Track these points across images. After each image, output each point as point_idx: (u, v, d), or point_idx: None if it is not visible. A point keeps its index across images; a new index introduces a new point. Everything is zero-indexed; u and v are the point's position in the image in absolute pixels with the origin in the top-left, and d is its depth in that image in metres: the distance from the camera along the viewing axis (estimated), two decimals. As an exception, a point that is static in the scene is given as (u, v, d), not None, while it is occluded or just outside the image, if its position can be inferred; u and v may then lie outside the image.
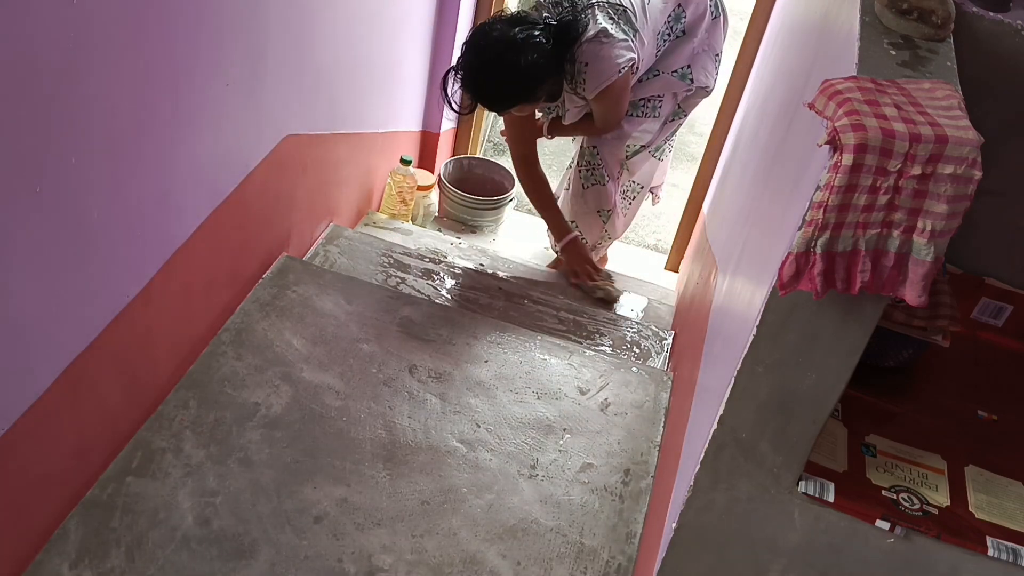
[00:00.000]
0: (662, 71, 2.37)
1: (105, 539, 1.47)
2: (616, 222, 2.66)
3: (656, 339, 2.34)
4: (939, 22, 1.05)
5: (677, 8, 2.32)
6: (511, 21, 2.12)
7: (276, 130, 1.91)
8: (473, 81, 2.11)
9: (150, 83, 1.36)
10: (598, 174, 2.54)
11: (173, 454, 1.62)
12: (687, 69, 2.38)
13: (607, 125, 2.41)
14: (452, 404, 1.85)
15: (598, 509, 1.70)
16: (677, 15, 2.32)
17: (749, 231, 1.58)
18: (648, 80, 2.38)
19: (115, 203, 1.36)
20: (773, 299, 0.95)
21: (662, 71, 2.37)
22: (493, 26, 2.12)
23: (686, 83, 2.39)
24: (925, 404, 1.25)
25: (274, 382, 1.80)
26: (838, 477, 1.07)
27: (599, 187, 2.55)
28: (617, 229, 2.70)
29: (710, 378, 1.41)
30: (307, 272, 2.12)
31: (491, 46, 2.08)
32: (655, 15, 2.29)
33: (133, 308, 1.49)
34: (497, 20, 2.16)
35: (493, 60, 2.07)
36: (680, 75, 2.38)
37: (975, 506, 1.06)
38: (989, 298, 1.36)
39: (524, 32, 2.06)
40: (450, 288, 2.31)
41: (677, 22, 2.33)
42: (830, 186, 0.85)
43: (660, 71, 2.37)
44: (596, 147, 2.51)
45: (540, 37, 2.08)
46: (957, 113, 0.86)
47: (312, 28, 1.95)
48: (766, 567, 1.12)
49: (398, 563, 1.53)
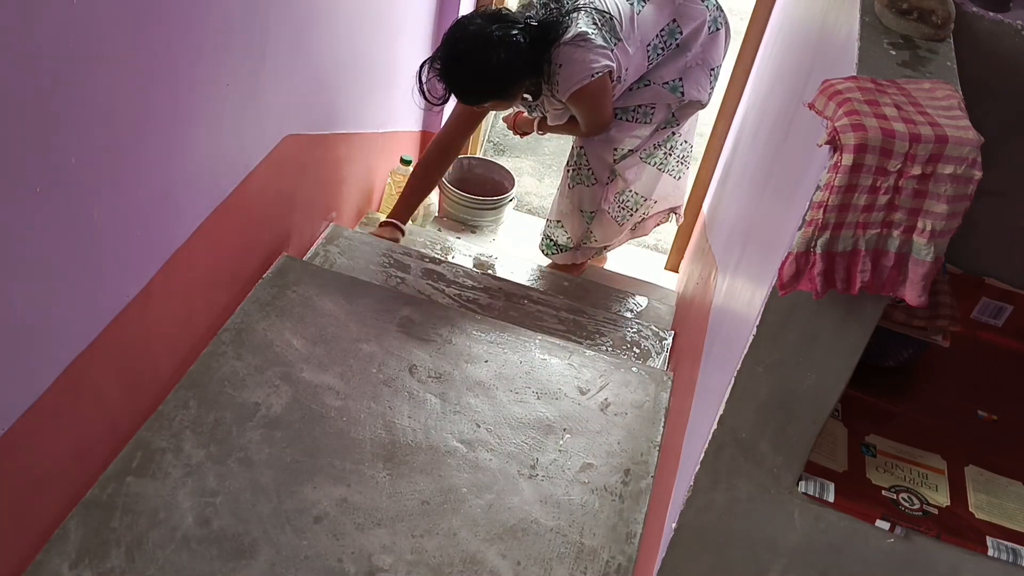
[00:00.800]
0: (653, 81, 2.37)
1: (105, 539, 1.47)
2: (607, 228, 2.64)
3: (656, 339, 2.34)
4: (939, 22, 1.05)
5: (672, 23, 2.32)
6: (491, 17, 2.13)
7: (276, 130, 1.91)
8: (447, 73, 2.12)
9: (150, 83, 1.36)
10: (584, 174, 2.55)
11: (173, 454, 1.62)
12: (678, 82, 2.37)
13: (591, 128, 2.41)
14: (452, 404, 1.85)
15: (598, 509, 1.70)
16: (672, 30, 2.32)
17: (749, 231, 1.58)
18: (638, 89, 2.38)
19: (115, 203, 1.36)
20: (773, 299, 0.95)
21: (653, 81, 2.37)
22: (472, 20, 2.13)
23: (676, 95, 2.38)
24: (925, 404, 1.25)
25: (274, 382, 1.80)
26: (838, 477, 1.07)
27: (583, 187, 2.56)
28: (608, 235, 2.67)
29: (710, 378, 1.41)
30: (307, 272, 2.12)
31: (466, 40, 2.09)
32: (646, 26, 2.29)
33: (133, 308, 1.49)
34: (477, 15, 2.17)
35: (465, 55, 2.08)
36: (671, 87, 2.37)
37: (975, 506, 1.07)
38: (989, 298, 1.36)
39: (501, 30, 2.07)
40: (450, 288, 2.31)
41: (672, 36, 2.33)
42: (830, 186, 0.85)
43: (651, 81, 2.37)
44: (583, 149, 2.52)
45: (517, 36, 2.08)
46: (957, 113, 0.86)
47: (312, 28, 1.95)
48: (766, 567, 1.12)
49: (398, 563, 1.53)
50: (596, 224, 2.63)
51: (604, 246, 2.75)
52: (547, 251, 2.76)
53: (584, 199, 2.58)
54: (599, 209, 2.60)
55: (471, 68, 2.09)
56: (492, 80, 2.12)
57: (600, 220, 2.62)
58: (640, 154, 2.49)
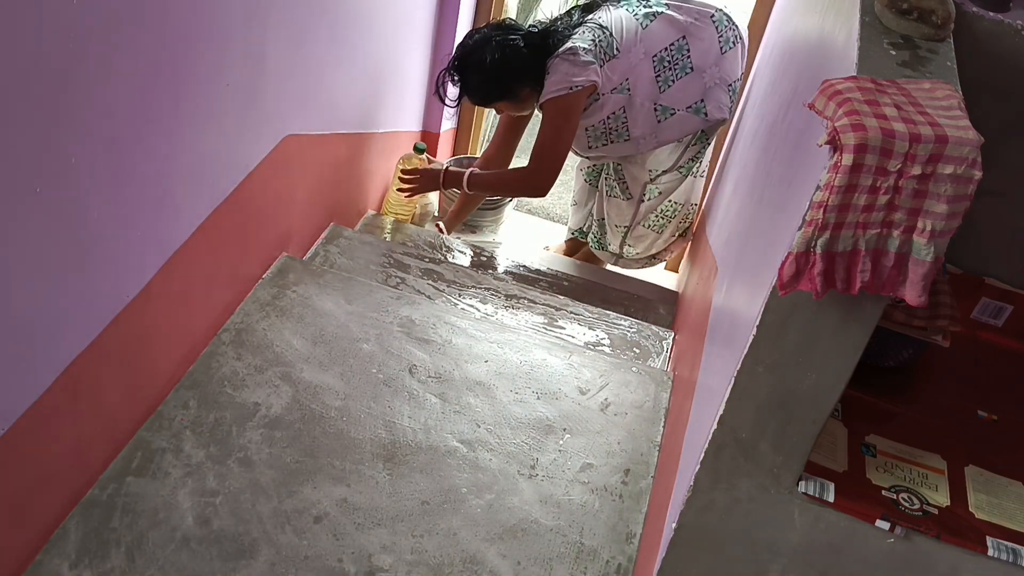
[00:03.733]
0: (677, 108, 2.43)
1: (105, 539, 1.47)
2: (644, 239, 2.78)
3: (656, 339, 2.34)
4: (939, 22, 1.05)
5: (681, 39, 2.37)
6: (496, 26, 2.40)
7: (276, 130, 1.91)
8: (455, 72, 2.38)
9: (150, 83, 1.36)
10: (620, 188, 2.68)
11: (173, 454, 1.62)
12: (701, 104, 2.43)
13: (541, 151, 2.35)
14: (452, 404, 1.85)
15: (598, 509, 1.70)
16: (680, 45, 2.37)
17: (749, 231, 1.58)
18: (665, 121, 2.44)
19: (115, 203, 1.36)
20: (773, 299, 0.95)
21: (677, 108, 2.43)
22: (480, 29, 2.42)
23: (700, 117, 2.45)
24: (925, 404, 1.25)
25: (274, 382, 1.80)
26: (838, 477, 1.07)
27: (619, 200, 2.71)
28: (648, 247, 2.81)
29: (710, 378, 1.41)
30: (307, 272, 2.12)
31: (471, 44, 2.35)
32: (652, 39, 2.36)
33: (133, 308, 1.49)
34: (486, 25, 2.44)
35: (468, 56, 2.34)
36: (694, 110, 2.44)
37: (975, 506, 1.06)
38: (989, 298, 1.36)
39: (502, 36, 2.32)
40: (450, 288, 2.30)
41: (680, 51, 2.37)
42: (830, 186, 0.85)
43: (675, 109, 2.43)
44: (620, 165, 2.64)
45: (516, 41, 2.31)
46: (957, 113, 0.86)
47: (312, 28, 1.95)
48: (766, 567, 1.12)
49: (398, 563, 1.53)
50: (632, 237, 2.78)
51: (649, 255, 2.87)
52: (594, 245, 2.90)
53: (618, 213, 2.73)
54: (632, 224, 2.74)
55: (475, 68, 2.33)
56: (492, 79, 2.33)
57: (634, 233, 2.76)
58: (673, 172, 2.61)
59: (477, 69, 2.32)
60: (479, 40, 2.34)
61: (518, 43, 2.31)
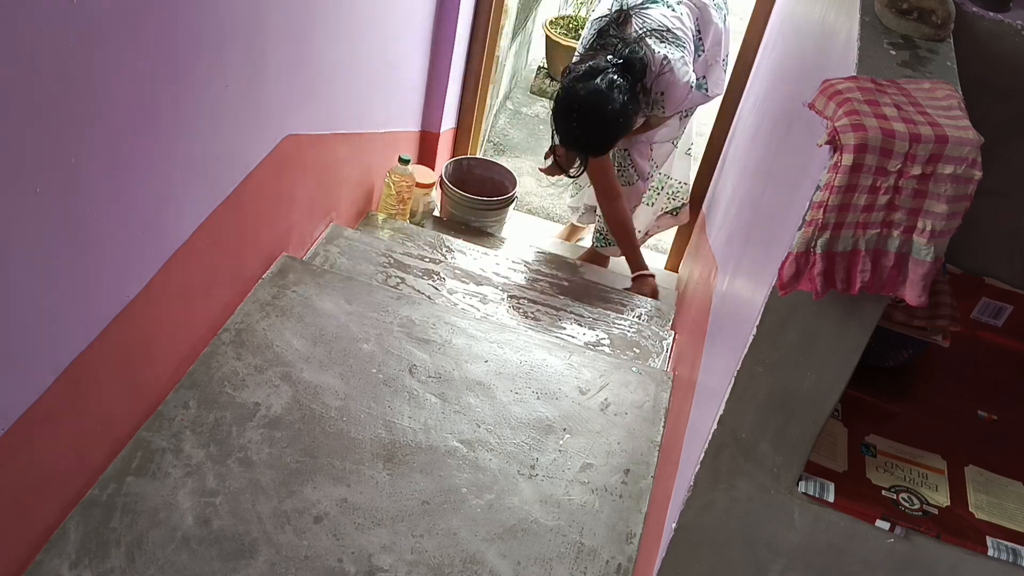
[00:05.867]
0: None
1: (105, 539, 1.47)
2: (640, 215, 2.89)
3: (656, 339, 2.34)
4: (939, 22, 1.05)
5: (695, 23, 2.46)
6: (589, 74, 2.26)
7: (276, 130, 1.91)
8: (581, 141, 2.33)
9: (150, 83, 1.36)
10: (628, 175, 2.74)
11: (173, 454, 1.62)
12: (703, 80, 2.52)
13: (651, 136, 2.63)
14: (452, 404, 1.85)
15: (598, 509, 1.70)
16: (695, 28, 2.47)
17: (749, 231, 1.58)
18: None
19: (115, 203, 1.36)
20: (773, 299, 0.95)
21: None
22: (575, 86, 2.27)
23: (702, 93, 2.52)
24: (925, 404, 1.25)
25: (274, 382, 1.80)
26: (838, 477, 1.07)
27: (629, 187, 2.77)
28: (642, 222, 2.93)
29: (710, 378, 1.41)
30: (307, 272, 2.12)
31: (586, 104, 2.24)
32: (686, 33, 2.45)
33: (133, 308, 1.49)
34: (576, 78, 2.28)
35: (591, 114, 2.25)
36: (698, 86, 2.50)
37: (975, 506, 1.06)
38: (989, 298, 1.36)
39: (604, 79, 2.23)
40: (450, 288, 2.30)
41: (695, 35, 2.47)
42: (830, 186, 0.85)
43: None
44: (627, 150, 2.71)
45: (619, 78, 2.25)
46: (957, 113, 0.86)
47: (312, 28, 1.95)
48: (766, 567, 1.12)
49: (398, 563, 1.53)
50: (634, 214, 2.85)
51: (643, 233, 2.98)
52: (599, 244, 2.95)
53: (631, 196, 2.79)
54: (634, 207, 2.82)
55: (603, 123, 2.27)
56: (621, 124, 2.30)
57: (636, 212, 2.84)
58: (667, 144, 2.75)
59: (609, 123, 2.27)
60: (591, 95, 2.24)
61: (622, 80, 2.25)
